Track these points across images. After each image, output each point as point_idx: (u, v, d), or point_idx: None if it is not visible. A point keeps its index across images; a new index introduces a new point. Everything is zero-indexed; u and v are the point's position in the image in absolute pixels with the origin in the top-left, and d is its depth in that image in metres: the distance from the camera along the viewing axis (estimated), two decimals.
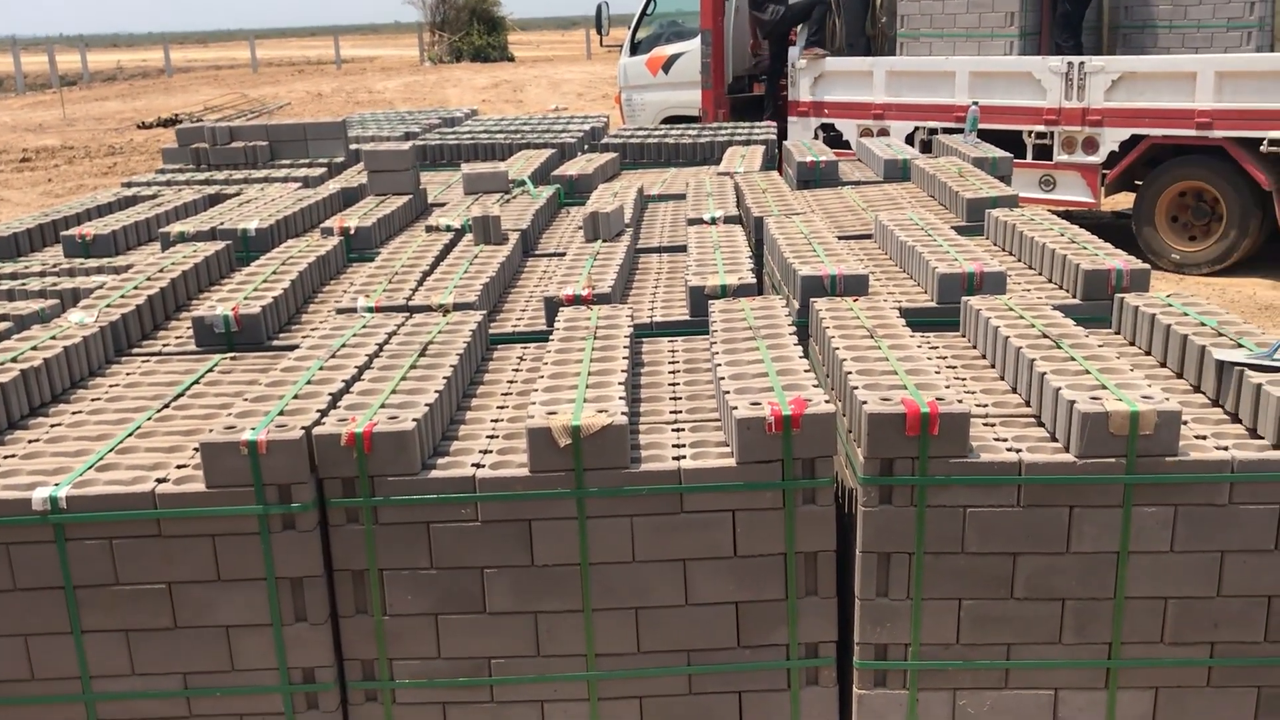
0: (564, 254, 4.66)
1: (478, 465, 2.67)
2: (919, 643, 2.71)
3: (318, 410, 2.74)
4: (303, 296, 4.23)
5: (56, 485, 2.62)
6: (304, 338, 3.65)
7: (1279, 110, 8.62)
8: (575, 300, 3.79)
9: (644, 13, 13.06)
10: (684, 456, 2.67)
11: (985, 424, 2.81)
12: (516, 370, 3.40)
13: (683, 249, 4.75)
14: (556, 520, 2.64)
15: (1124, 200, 10.87)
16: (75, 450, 2.87)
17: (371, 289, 3.96)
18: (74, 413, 3.17)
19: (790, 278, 3.84)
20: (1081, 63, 9.57)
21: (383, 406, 2.75)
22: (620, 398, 2.75)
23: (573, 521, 2.64)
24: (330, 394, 2.85)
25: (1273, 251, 9.16)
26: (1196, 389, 3.01)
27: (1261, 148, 8.75)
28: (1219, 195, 9.26)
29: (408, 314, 3.63)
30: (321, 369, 3.05)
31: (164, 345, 3.83)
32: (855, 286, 3.68)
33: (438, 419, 2.83)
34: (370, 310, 3.76)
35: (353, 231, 4.92)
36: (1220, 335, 3.05)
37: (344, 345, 3.26)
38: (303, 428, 2.62)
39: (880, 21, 11.59)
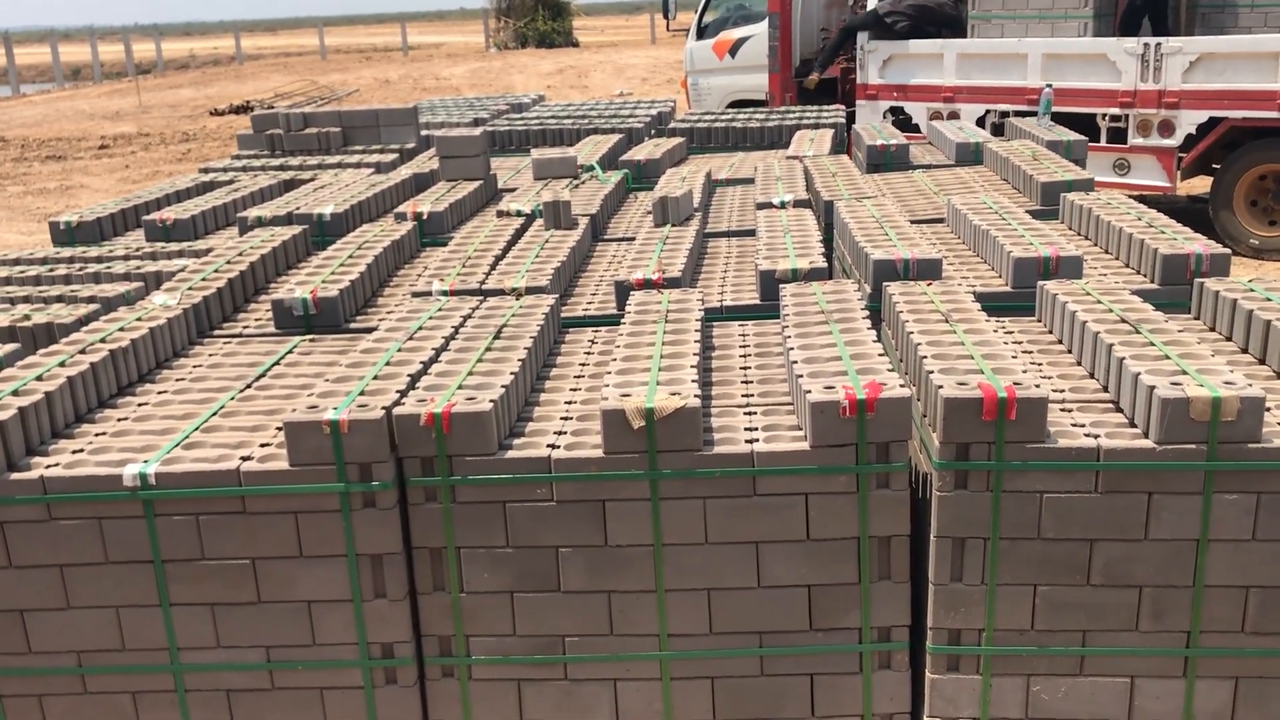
0: (633, 239, 4.68)
1: (553, 446, 2.71)
2: (993, 628, 2.70)
3: (397, 391, 2.79)
4: (378, 280, 4.30)
5: (145, 462, 2.70)
6: (381, 320, 3.72)
7: None
8: (645, 284, 3.81)
9: None
10: (757, 439, 2.68)
11: (1062, 409, 2.79)
12: (588, 353, 3.43)
13: (752, 233, 4.75)
14: (630, 501, 2.67)
15: (1200, 184, 10.64)
16: (162, 429, 2.96)
17: (445, 273, 4.01)
18: (160, 392, 3.26)
19: (862, 261, 3.83)
20: (1158, 44, 9.37)
21: (460, 388, 2.79)
22: (693, 380, 2.76)
23: (646, 503, 2.67)
24: (409, 375, 2.90)
25: None
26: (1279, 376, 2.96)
27: None
28: None
29: (482, 297, 3.68)
30: (400, 351, 3.11)
31: (244, 327, 3.92)
32: (928, 270, 3.66)
33: (513, 400, 2.87)
34: (445, 294, 3.81)
35: (425, 216, 4.99)
36: None
37: (420, 328, 3.32)
38: (383, 408, 2.67)
39: (960, 19, 11.41)
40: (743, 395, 3.00)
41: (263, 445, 2.81)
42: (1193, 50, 9.23)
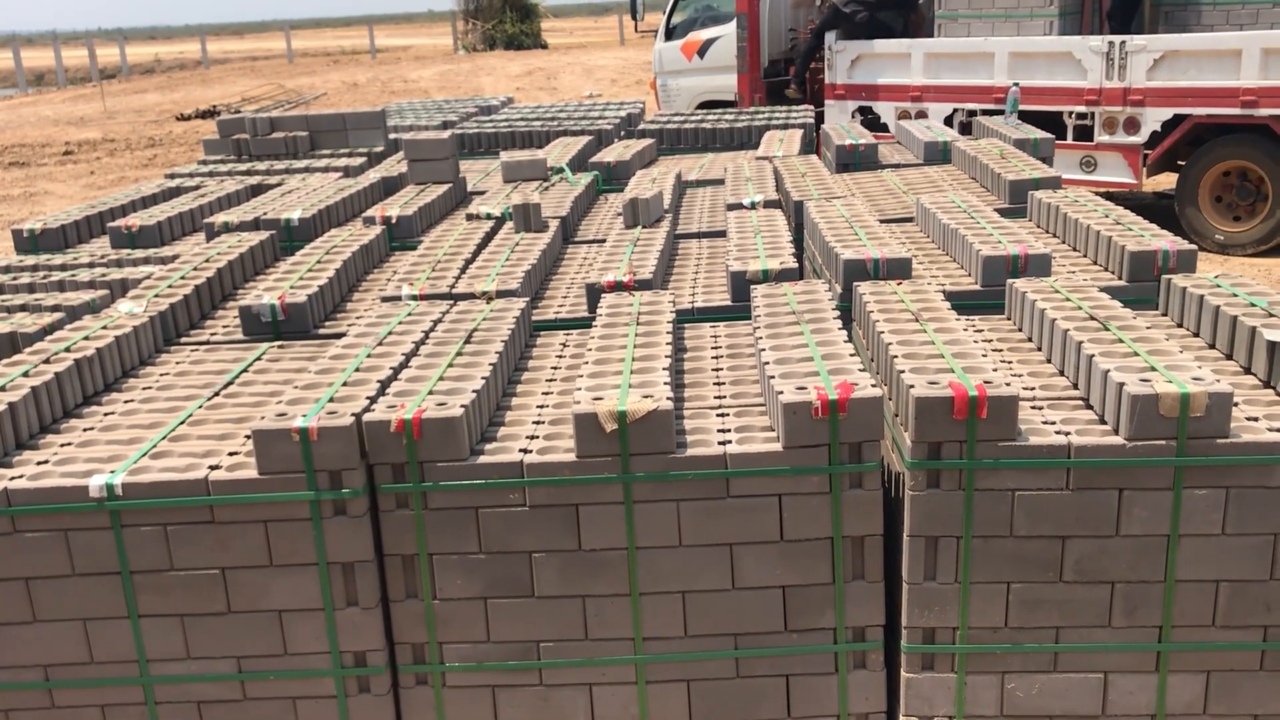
0: (604, 241, 4.67)
1: (525, 451, 2.69)
2: (967, 626, 2.70)
3: (367, 397, 2.77)
4: (347, 285, 4.27)
5: (112, 473, 2.67)
6: (350, 326, 3.69)
7: None
8: (617, 286, 3.80)
9: None
10: (730, 441, 2.68)
11: (1033, 407, 2.80)
12: (560, 357, 3.41)
13: (722, 234, 4.75)
14: (603, 505, 2.66)
15: (1166, 181, 10.74)
16: (129, 438, 2.92)
17: (415, 277, 3.99)
18: (126, 401, 3.22)
19: (832, 261, 3.83)
20: (1123, 42, 9.45)
21: (431, 393, 2.77)
22: (665, 383, 2.75)
23: (619, 506, 2.66)
24: (379, 381, 2.88)
25: None
26: (1247, 370, 2.98)
27: None
28: (1264, 174, 9.12)
29: (452, 301, 3.66)
30: (369, 356, 3.08)
31: (212, 334, 3.88)
32: (898, 270, 3.67)
33: (485, 405, 2.85)
34: (414, 298, 3.79)
35: (394, 220, 4.96)
36: (1271, 316, 3.01)
37: (390, 333, 3.29)
38: (353, 414, 2.65)
39: (918, 2, 11.49)
40: (715, 397, 2.99)
41: (231, 454, 2.78)
42: (1157, 48, 9.32)
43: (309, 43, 53.25)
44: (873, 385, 2.63)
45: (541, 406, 3.00)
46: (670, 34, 13.03)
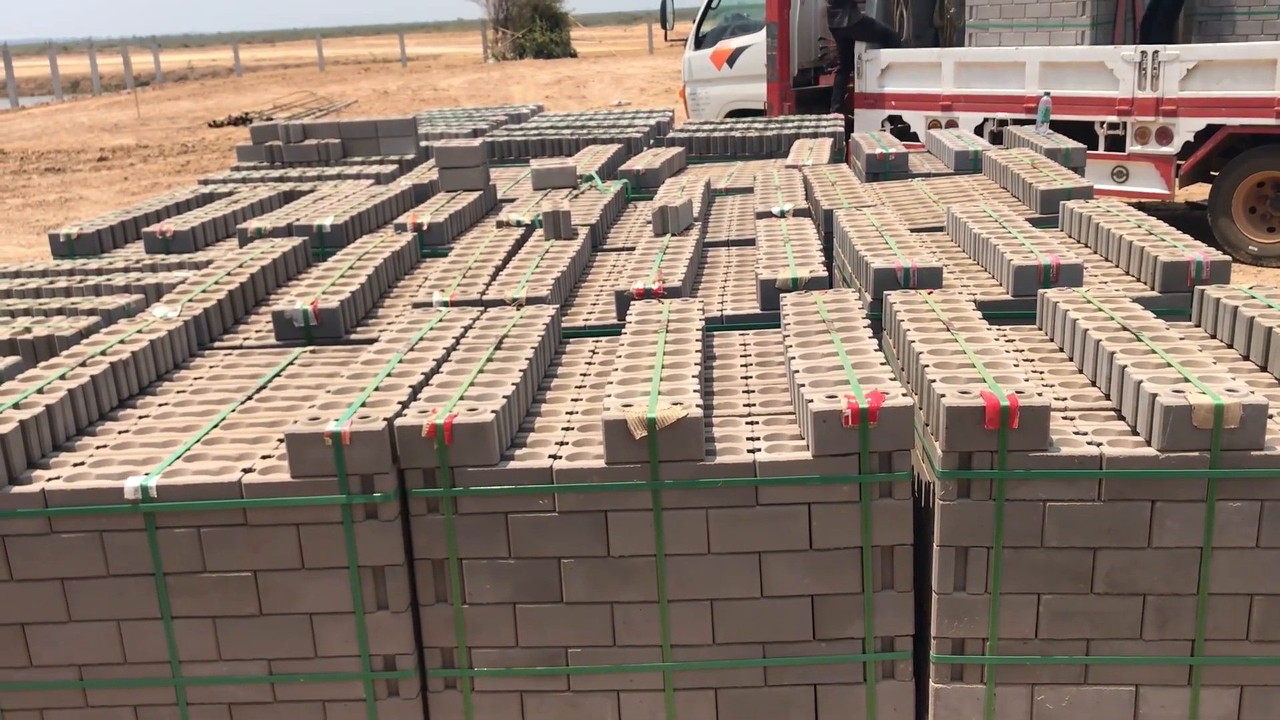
0: (633, 248, 4.69)
1: (555, 457, 2.70)
2: (997, 637, 2.69)
3: (398, 402, 2.79)
4: (379, 291, 4.30)
5: (147, 475, 2.70)
6: (381, 331, 3.72)
7: None
8: (646, 294, 3.81)
9: (709, 6, 13.04)
10: (759, 449, 2.68)
11: (1065, 417, 2.79)
12: (589, 363, 3.42)
13: (751, 242, 4.75)
14: (632, 512, 2.66)
15: (1199, 191, 10.64)
16: (163, 441, 2.95)
17: (446, 284, 4.01)
18: (160, 405, 3.26)
19: (862, 270, 3.83)
20: (1155, 51, 9.38)
21: (462, 398, 2.79)
22: (694, 390, 2.76)
23: (648, 513, 2.66)
24: (410, 386, 2.90)
25: None
26: None
27: None
28: None
29: (482, 308, 3.68)
30: (401, 362, 3.11)
31: (245, 339, 3.91)
32: (929, 279, 3.66)
33: (515, 411, 2.87)
34: (445, 304, 3.81)
35: (425, 227, 4.99)
36: None
37: (421, 338, 3.32)
38: (384, 419, 2.67)
39: (948, 12, 11.46)
40: (744, 405, 3.00)
41: (264, 457, 2.80)
42: (1190, 58, 9.25)
43: (340, 51, 53.67)
44: (903, 394, 2.63)
45: (571, 413, 3.01)
46: (700, 43, 13.05)
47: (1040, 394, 2.59)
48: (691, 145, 7.45)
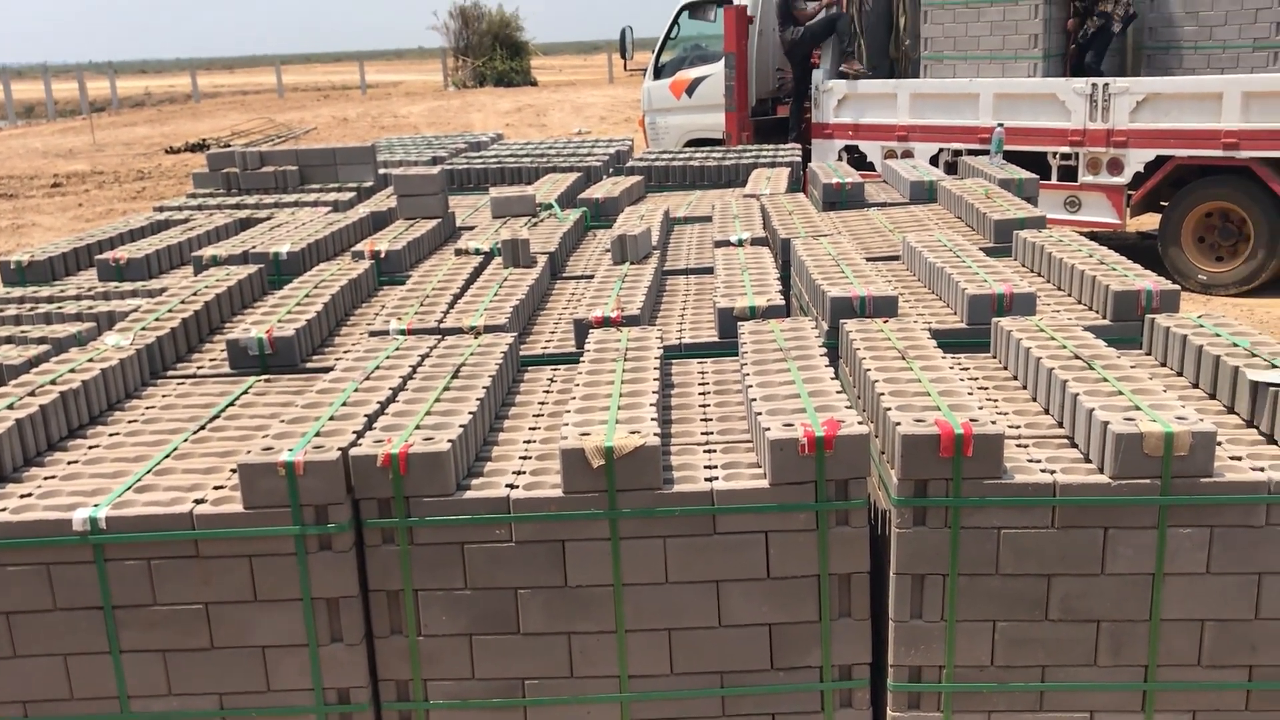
0: (592, 276, 4.69)
1: (511, 486, 2.69)
2: (953, 665, 2.70)
3: (354, 431, 2.76)
4: (335, 319, 4.28)
5: (96, 506, 2.65)
6: (337, 360, 3.68)
7: None
8: (604, 322, 3.81)
9: (668, 36, 13.14)
10: (716, 478, 2.68)
11: (1019, 445, 2.81)
12: (547, 392, 3.41)
13: (710, 271, 4.77)
14: (590, 541, 2.65)
15: (1149, 221, 10.84)
16: (113, 471, 2.91)
17: (403, 312, 3.99)
18: (111, 434, 3.21)
19: (819, 299, 3.85)
20: (1106, 84, 9.57)
21: (418, 428, 2.77)
22: (652, 418, 2.76)
23: (606, 542, 2.65)
24: (366, 415, 2.88)
25: None
26: (1230, 410, 3.00)
27: None
28: (1246, 215, 9.23)
29: (440, 336, 3.66)
30: (356, 391, 3.08)
31: (199, 368, 3.87)
32: (885, 308, 3.69)
33: (472, 440, 2.85)
34: (402, 333, 3.79)
35: (383, 255, 4.97)
36: (1254, 356, 3.04)
37: (378, 367, 3.29)
38: (339, 449, 2.64)
39: (904, 44, 11.62)
40: (702, 433, 3.00)
41: (217, 488, 2.77)
42: (1139, 90, 9.45)
43: (300, 78, 53.48)
44: (859, 422, 2.64)
45: (529, 441, 3.00)
46: (659, 72, 13.14)
47: (994, 422, 2.61)
48: (651, 174, 7.49)
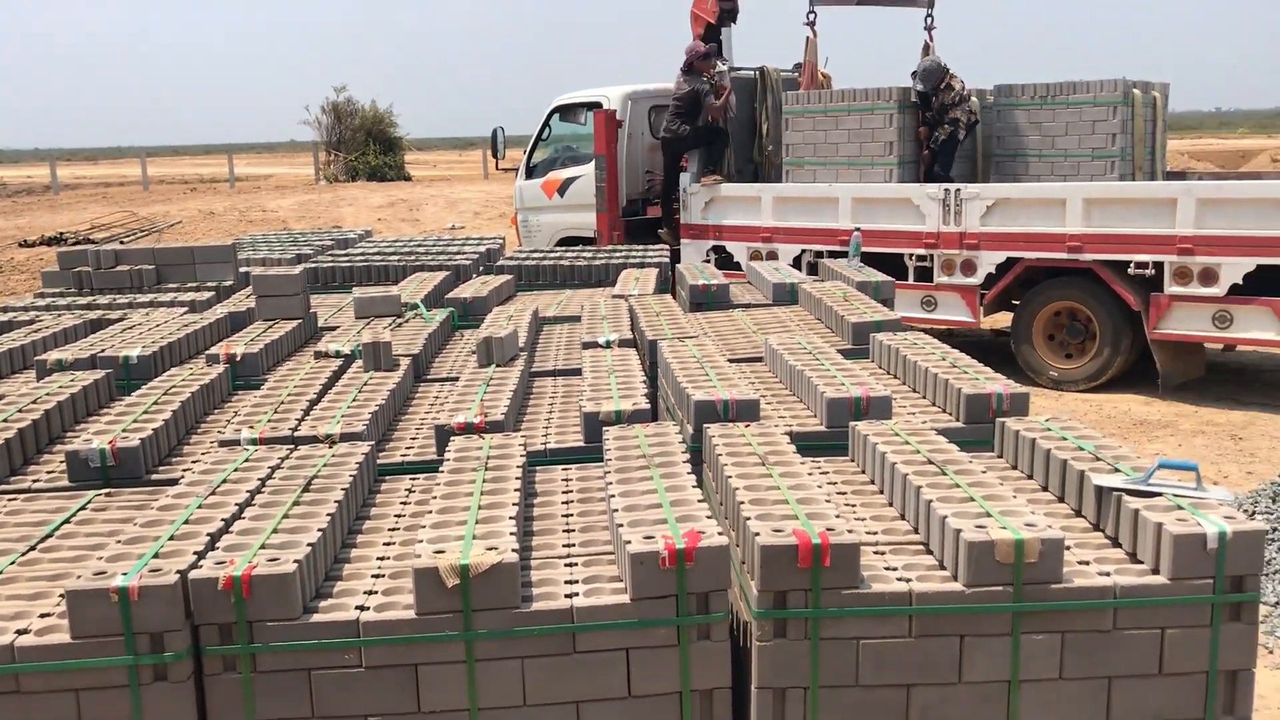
0: (457, 379, 4.63)
1: (362, 608, 2.58)
2: None
3: (194, 552, 2.63)
4: (185, 427, 4.11)
5: None
6: (184, 471, 3.53)
7: (1143, 235, 9.10)
8: (467, 429, 3.74)
9: (539, 137, 13.31)
10: (577, 593, 2.62)
11: (876, 552, 2.83)
12: (405, 503, 3.32)
13: (578, 372, 4.76)
14: (444, 664, 2.56)
15: (1003, 319, 11.28)
16: None
17: (256, 419, 3.86)
18: None
19: (684, 402, 3.86)
20: (958, 189, 10.02)
21: (263, 547, 2.65)
22: (511, 533, 2.70)
23: (461, 665, 2.56)
24: (209, 534, 2.75)
25: (1145, 368, 9.56)
26: (1078, 513, 3.08)
27: (1129, 270, 9.21)
28: (1091, 315, 9.68)
29: (293, 445, 3.54)
30: (201, 506, 2.95)
31: (34, 481, 3.66)
32: (747, 412, 3.72)
33: (321, 559, 2.74)
34: (254, 442, 3.65)
35: (239, 358, 4.82)
36: (1098, 460, 3.13)
37: (224, 480, 3.16)
38: (178, 571, 2.51)
39: (766, 149, 12.00)
40: (564, 545, 2.94)
41: (43, 615, 2.59)
42: (989, 196, 9.91)
43: (166, 170, 52.36)
44: (719, 533, 2.63)
45: (382, 558, 2.90)
46: (531, 171, 13.27)
47: (851, 530, 2.63)
48: (521, 273, 7.50)
